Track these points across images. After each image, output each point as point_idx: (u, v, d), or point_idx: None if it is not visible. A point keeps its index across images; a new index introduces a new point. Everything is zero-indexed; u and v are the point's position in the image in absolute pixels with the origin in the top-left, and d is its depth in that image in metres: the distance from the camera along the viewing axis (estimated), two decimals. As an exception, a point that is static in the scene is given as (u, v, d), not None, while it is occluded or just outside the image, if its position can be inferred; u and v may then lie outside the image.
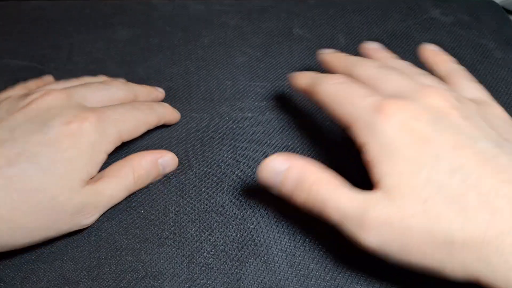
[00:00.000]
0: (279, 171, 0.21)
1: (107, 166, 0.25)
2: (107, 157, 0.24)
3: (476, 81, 0.26)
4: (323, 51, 0.30)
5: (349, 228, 0.20)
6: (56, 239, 0.24)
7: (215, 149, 0.29)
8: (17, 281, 0.23)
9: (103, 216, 0.25)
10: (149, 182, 0.26)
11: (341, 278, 0.24)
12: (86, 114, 0.23)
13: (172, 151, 0.29)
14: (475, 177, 0.18)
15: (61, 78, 0.33)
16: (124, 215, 0.26)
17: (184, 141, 0.30)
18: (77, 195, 0.22)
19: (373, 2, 0.43)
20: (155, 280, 0.23)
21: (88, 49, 0.36)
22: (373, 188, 0.20)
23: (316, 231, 0.25)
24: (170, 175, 0.28)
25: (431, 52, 0.29)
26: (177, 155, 0.29)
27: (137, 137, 0.29)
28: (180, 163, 0.28)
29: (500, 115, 0.24)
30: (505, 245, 0.17)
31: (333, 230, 0.25)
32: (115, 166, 0.25)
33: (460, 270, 0.18)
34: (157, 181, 0.27)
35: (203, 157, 0.29)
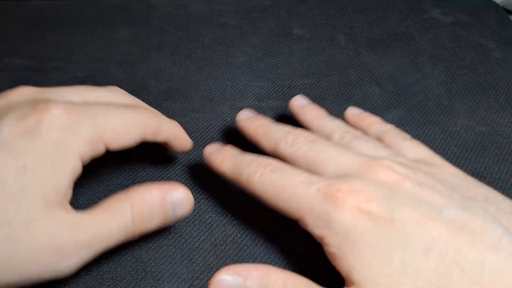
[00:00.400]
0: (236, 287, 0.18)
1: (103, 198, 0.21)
2: (83, 166, 0.19)
3: (411, 138, 0.25)
4: (240, 116, 0.26)
5: None
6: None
7: (215, 149, 0.29)
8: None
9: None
10: (154, 225, 0.20)
11: (340, 278, 0.24)
12: (49, 105, 0.18)
13: (172, 151, 0.29)
14: (453, 252, 0.16)
15: (61, 78, 0.33)
16: (124, 215, 0.26)
17: (184, 141, 0.30)
18: (38, 220, 0.16)
19: (373, 2, 0.43)
20: (154, 280, 0.23)
21: (88, 49, 0.36)
22: (345, 283, 0.18)
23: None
24: (170, 174, 0.28)
25: (355, 116, 0.27)
26: (177, 155, 0.29)
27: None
28: (180, 163, 0.28)
29: (453, 172, 0.22)
30: None
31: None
32: (111, 198, 0.19)
33: None
34: (157, 181, 0.27)
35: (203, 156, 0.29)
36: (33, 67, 0.34)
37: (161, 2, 0.41)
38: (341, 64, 0.36)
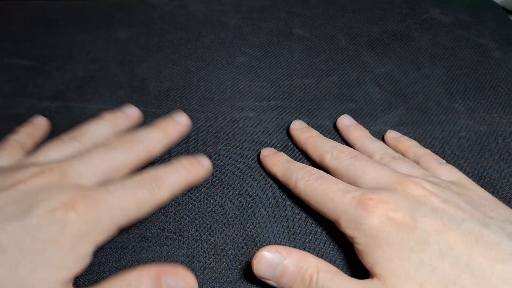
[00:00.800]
0: (276, 264, 0.21)
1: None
2: (98, 248, 0.21)
3: (445, 163, 0.27)
4: (295, 125, 0.30)
5: None
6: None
7: (215, 149, 0.29)
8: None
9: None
10: None
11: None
12: (75, 201, 0.20)
13: (171, 151, 0.29)
14: (466, 259, 0.19)
15: (61, 78, 0.33)
16: (124, 214, 0.26)
17: (184, 141, 0.30)
18: None
19: (373, 2, 0.43)
20: (155, 279, 0.23)
21: (88, 49, 0.36)
22: (369, 275, 0.21)
23: (315, 231, 0.25)
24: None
25: (394, 139, 0.30)
26: (178, 155, 0.29)
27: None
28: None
29: (481, 194, 0.24)
30: None
31: (332, 231, 0.25)
32: (109, 279, 0.20)
33: None
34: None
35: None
36: (33, 67, 0.34)
37: (161, 2, 0.41)
38: (341, 64, 0.36)
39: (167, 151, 0.28)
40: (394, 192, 0.22)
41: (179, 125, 0.27)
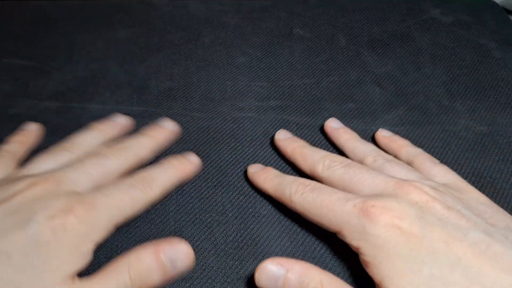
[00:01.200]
0: (278, 277, 0.21)
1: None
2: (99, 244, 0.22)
3: (438, 163, 0.27)
4: (279, 136, 0.29)
5: None
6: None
7: (216, 149, 0.29)
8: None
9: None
10: (154, 282, 0.21)
11: (340, 277, 0.24)
12: (72, 206, 0.21)
13: (171, 151, 0.29)
14: (476, 270, 0.19)
15: (61, 78, 0.33)
16: (124, 214, 0.26)
17: (184, 141, 0.30)
18: None
19: (374, 2, 0.43)
20: (155, 279, 0.23)
21: (88, 49, 0.36)
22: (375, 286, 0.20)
23: (316, 231, 0.25)
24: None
25: (385, 138, 0.29)
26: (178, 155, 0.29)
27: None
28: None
29: (477, 198, 0.24)
30: None
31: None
32: (110, 264, 0.21)
33: None
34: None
35: (204, 156, 0.29)
36: (33, 67, 0.34)
37: (161, 2, 0.41)
38: (342, 64, 0.36)
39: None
40: (396, 198, 0.21)
41: (166, 131, 0.28)
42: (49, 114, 0.30)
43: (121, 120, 0.29)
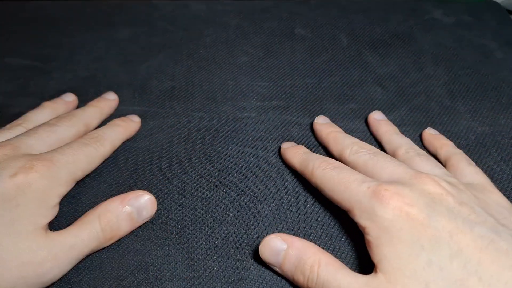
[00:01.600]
0: (279, 250, 0.22)
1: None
2: (62, 198, 0.23)
3: (474, 165, 0.27)
4: (318, 120, 0.31)
5: None
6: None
7: (217, 149, 0.29)
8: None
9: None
10: (123, 229, 0.24)
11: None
12: (32, 163, 0.22)
13: (173, 150, 0.29)
14: (475, 263, 0.19)
15: (62, 78, 0.33)
16: (125, 214, 0.26)
17: (186, 140, 0.30)
18: (27, 243, 0.21)
19: (375, 2, 0.43)
20: (156, 279, 0.23)
21: (89, 48, 0.36)
22: (374, 269, 0.20)
23: (316, 232, 0.25)
24: (171, 174, 0.28)
25: (431, 136, 0.30)
26: (179, 155, 0.29)
27: (136, 138, 0.29)
28: (182, 163, 0.28)
29: (498, 200, 0.24)
30: None
31: (332, 231, 0.25)
32: (82, 217, 0.23)
33: None
34: (159, 180, 0.27)
35: (205, 156, 0.29)
36: (34, 66, 0.34)
37: (162, 2, 0.41)
38: (343, 64, 0.36)
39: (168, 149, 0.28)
40: (411, 186, 0.22)
41: (109, 101, 0.31)
42: (51, 113, 0.30)
43: (70, 98, 0.31)
